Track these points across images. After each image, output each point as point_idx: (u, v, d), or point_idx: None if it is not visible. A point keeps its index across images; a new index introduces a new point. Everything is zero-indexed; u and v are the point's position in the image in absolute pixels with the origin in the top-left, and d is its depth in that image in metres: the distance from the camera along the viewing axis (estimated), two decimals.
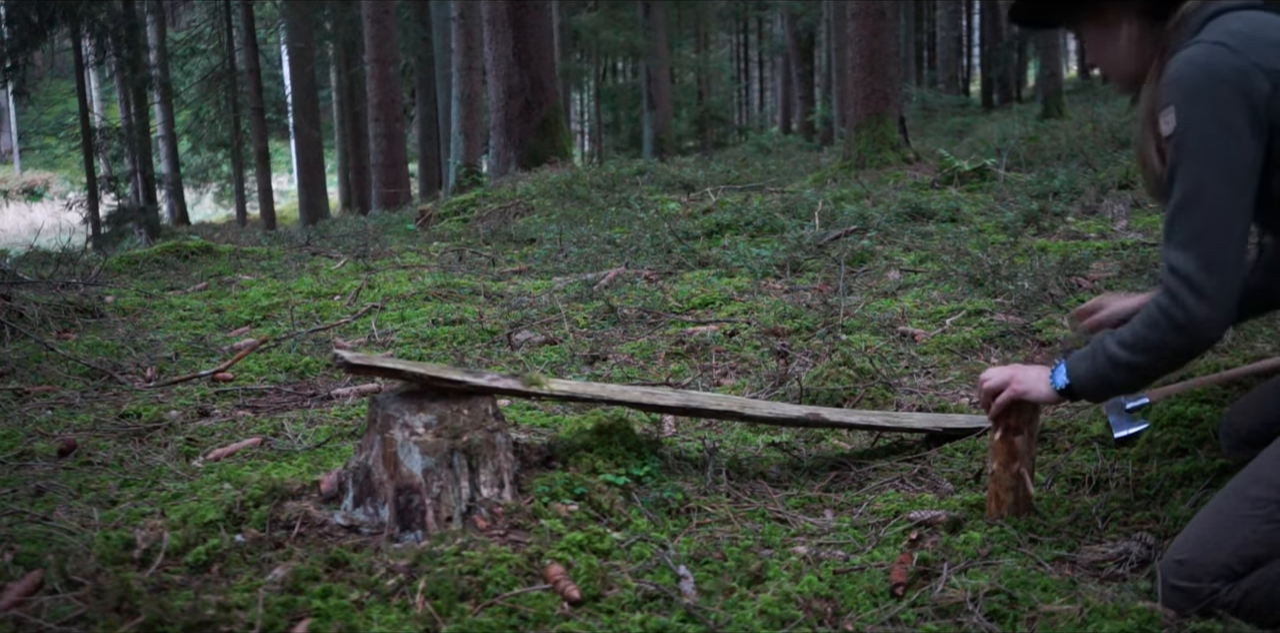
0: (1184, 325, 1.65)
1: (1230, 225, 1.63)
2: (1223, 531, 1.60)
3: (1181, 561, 1.62)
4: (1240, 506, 1.61)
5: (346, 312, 4.40)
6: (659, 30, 21.81)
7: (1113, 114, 11.41)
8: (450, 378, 1.98)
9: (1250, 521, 1.59)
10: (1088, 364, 1.80)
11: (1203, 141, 1.61)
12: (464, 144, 12.62)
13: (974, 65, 32.88)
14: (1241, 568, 1.58)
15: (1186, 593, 1.60)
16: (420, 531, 1.84)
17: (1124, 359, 1.74)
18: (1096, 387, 1.81)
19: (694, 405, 2.34)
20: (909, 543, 1.95)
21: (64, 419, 2.91)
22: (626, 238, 5.91)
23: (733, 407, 2.38)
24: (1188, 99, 1.62)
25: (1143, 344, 1.71)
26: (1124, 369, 1.74)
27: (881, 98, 8.48)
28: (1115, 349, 1.75)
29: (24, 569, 1.73)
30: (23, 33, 14.45)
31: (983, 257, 4.40)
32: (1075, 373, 1.82)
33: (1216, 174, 1.61)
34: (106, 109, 28.45)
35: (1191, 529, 1.66)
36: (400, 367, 2.00)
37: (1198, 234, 1.62)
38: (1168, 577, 1.63)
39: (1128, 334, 1.74)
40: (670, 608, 1.67)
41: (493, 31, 11.08)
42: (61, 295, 4.36)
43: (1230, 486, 1.67)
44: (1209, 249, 1.62)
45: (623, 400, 2.27)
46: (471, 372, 2.05)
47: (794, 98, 29.80)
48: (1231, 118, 1.60)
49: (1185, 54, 1.65)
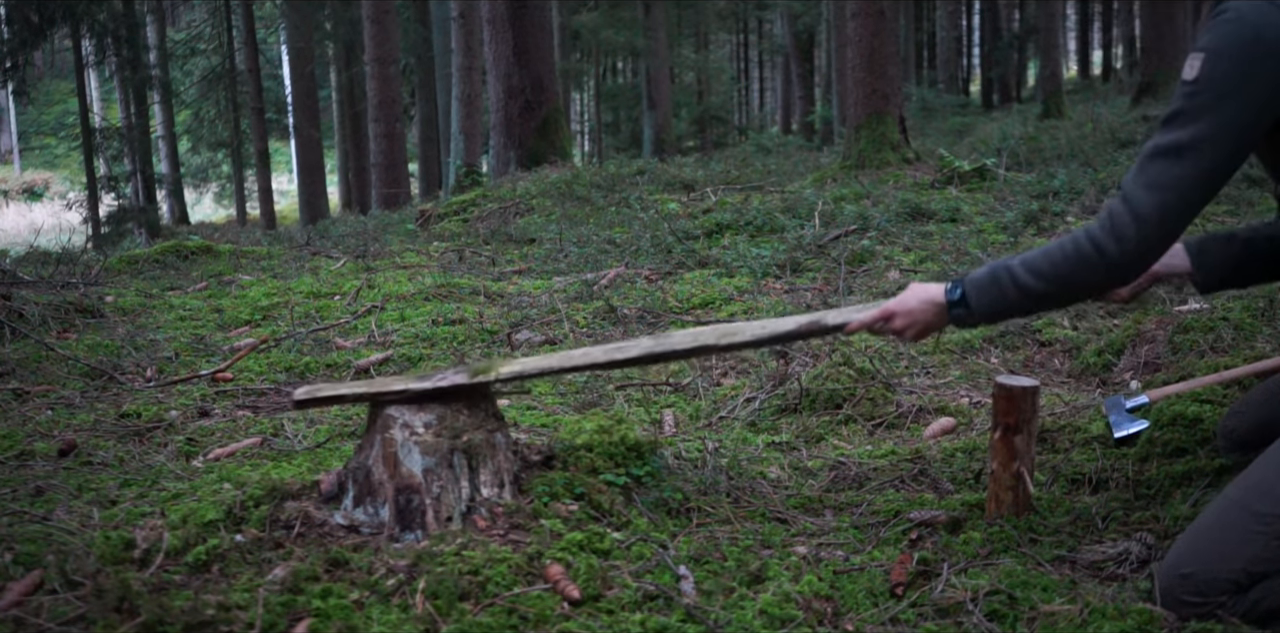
0: (1114, 262, 1.63)
1: (1207, 186, 1.61)
2: (1230, 546, 1.57)
3: (1187, 575, 1.59)
4: (1247, 520, 1.58)
5: (346, 312, 4.40)
6: (659, 30, 21.80)
7: (1113, 114, 11.41)
8: (393, 390, 1.97)
9: (1259, 537, 1.56)
10: (989, 287, 1.76)
11: (1218, 101, 1.57)
12: (464, 144, 12.61)
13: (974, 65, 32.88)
14: (1247, 582, 1.56)
15: (1192, 606, 1.58)
16: (420, 531, 1.84)
17: (1031, 286, 1.71)
18: (995, 309, 1.77)
19: (661, 351, 2.03)
20: (909, 543, 1.95)
21: (64, 419, 2.91)
22: (626, 238, 5.91)
23: (709, 340, 2.01)
24: (1220, 56, 1.57)
25: (1055, 273, 1.68)
26: (1028, 297, 1.72)
27: (881, 98, 8.48)
28: (1024, 276, 1.71)
29: (24, 569, 1.73)
30: (23, 33, 14.45)
31: (983, 257, 4.40)
32: (971, 294, 1.78)
33: (1218, 137, 1.58)
34: (106, 109, 28.46)
35: (1194, 542, 1.62)
36: (342, 391, 2.00)
37: (1173, 182, 1.60)
38: (1172, 590, 1.60)
39: (1042, 262, 1.70)
40: (670, 608, 1.67)
41: (493, 31, 11.08)
42: (61, 295, 4.36)
43: (1232, 495, 1.64)
44: (1174, 199, 1.60)
45: (579, 366, 2.05)
46: (421, 377, 2.03)
47: (794, 98, 29.81)
48: (1258, 90, 1.56)
49: (1238, 4, 1.58)
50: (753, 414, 2.93)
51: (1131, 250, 1.63)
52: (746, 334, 1.99)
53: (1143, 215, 1.61)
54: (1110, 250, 1.63)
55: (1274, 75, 1.56)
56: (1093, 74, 31.20)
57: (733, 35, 36.08)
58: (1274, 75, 1.56)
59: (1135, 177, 1.64)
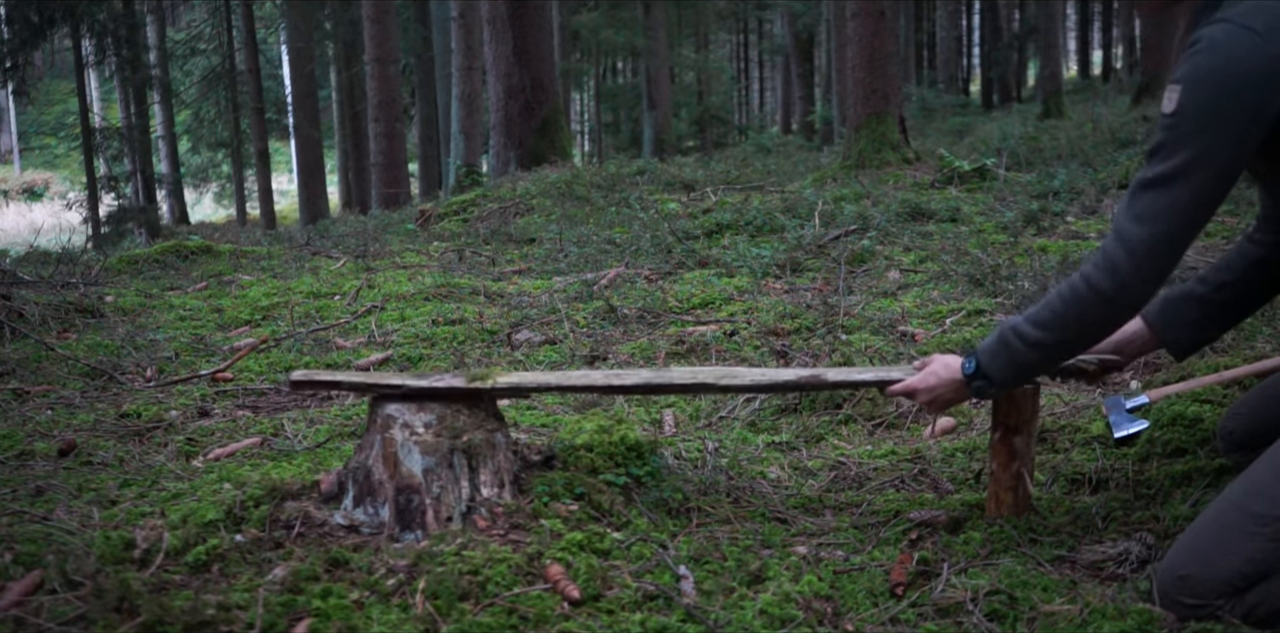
0: (1112, 298, 1.65)
1: (1197, 214, 1.63)
2: (1228, 547, 1.57)
3: (1184, 576, 1.59)
4: (1245, 522, 1.58)
5: (346, 312, 4.40)
6: (659, 30, 21.80)
7: (1113, 114, 11.41)
8: (390, 384, 1.98)
9: (1256, 539, 1.56)
10: (999, 351, 1.78)
11: (1198, 131, 1.59)
12: (464, 144, 12.61)
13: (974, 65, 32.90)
14: (1244, 585, 1.56)
15: (1189, 608, 1.58)
16: (420, 530, 1.84)
17: (1040, 339, 1.72)
18: (1013, 371, 1.79)
19: (661, 382, 2.07)
20: (909, 543, 1.95)
21: (64, 419, 2.91)
22: (626, 238, 5.91)
23: (707, 378, 2.06)
24: (1196, 86, 1.58)
25: (1059, 321, 1.70)
26: (1041, 350, 1.74)
27: (881, 98, 8.48)
28: (1031, 330, 1.73)
29: (24, 569, 1.73)
30: (23, 33, 14.44)
31: (983, 257, 4.40)
32: (986, 362, 1.80)
33: (1203, 166, 1.60)
34: (106, 109, 28.45)
35: (1192, 543, 1.62)
36: (339, 378, 2.02)
37: (1162, 212, 1.62)
38: (1170, 592, 1.60)
39: (1044, 313, 1.72)
40: (670, 608, 1.67)
41: (493, 31, 11.08)
42: (61, 295, 4.36)
43: (1230, 497, 1.64)
44: (1164, 230, 1.62)
45: (577, 386, 2.08)
46: (418, 375, 2.04)
47: (794, 98, 29.81)
48: (1236, 117, 1.58)
49: (1210, 32, 1.59)
50: (753, 414, 2.93)
51: (1128, 283, 1.65)
52: (745, 379, 2.06)
53: (1134, 248, 1.63)
54: (1105, 287, 1.65)
55: (1250, 101, 1.57)
56: (1093, 74, 31.21)
57: (733, 35, 36.09)
58: (1250, 101, 1.57)
59: (1125, 210, 1.67)
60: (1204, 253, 4.38)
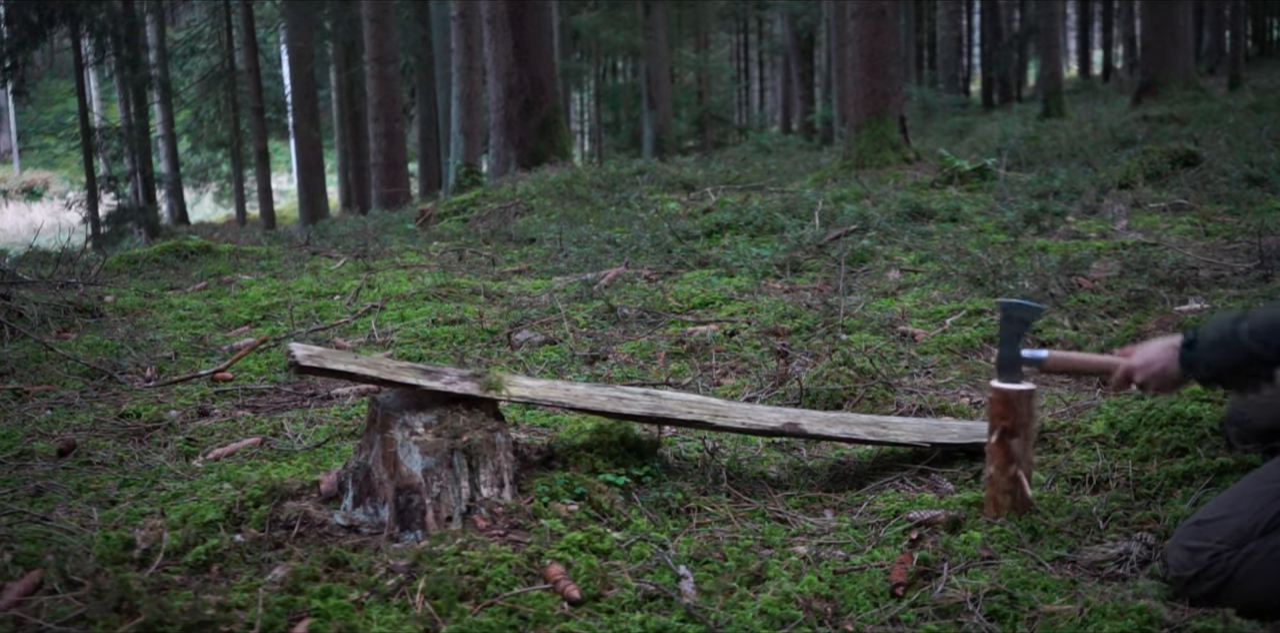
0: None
1: None
2: (1244, 498, 1.68)
3: (1200, 521, 1.69)
4: (1261, 483, 1.70)
5: (346, 311, 4.40)
6: (659, 30, 21.80)
7: (1113, 114, 11.41)
8: (403, 381, 1.96)
9: (1268, 492, 1.66)
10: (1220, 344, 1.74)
11: None
12: (464, 144, 12.61)
13: (974, 65, 32.88)
14: (1245, 535, 1.64)
15: (1191, 552, 1.65)
16: (420, 530, 1.84)
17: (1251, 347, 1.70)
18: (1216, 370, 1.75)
19: (661, 414, 2.22)
20: (909, 543, 1.95)
21: (64, 419, 2.91)
22: (626, 238, 5.91)
23: (703, 416, 2.25)
24: None
25: None
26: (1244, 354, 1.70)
27: (881, 97, 8.48)
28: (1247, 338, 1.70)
29: (24, 569, 1.73)
30: (22, 32, 14.45)
31: (983, 256, 4.40)
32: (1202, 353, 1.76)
33: None
34: (106, 109, 28.45)
35: (1213, 503, 1.74)
36: (353, 369, 1.96)
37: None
38: (1181, 538, 1.70)
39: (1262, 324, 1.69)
40: (670, 608, 1.67)
41: (493, 31, 11.07)
42: (61, 295, 4.36)
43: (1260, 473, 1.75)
44: None
45: (585, 408, 2.18)
46: (430, 372, 2.02)
47: (794, 98, 29.79)
48: None
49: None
50: None
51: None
52: (735, 421, 2.27)
53: None
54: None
55: None
56: (1093, 74, 31.21)
57: (733, 35, 36.07)
58: None
59: None
60: (1204, 253, 4.38)
